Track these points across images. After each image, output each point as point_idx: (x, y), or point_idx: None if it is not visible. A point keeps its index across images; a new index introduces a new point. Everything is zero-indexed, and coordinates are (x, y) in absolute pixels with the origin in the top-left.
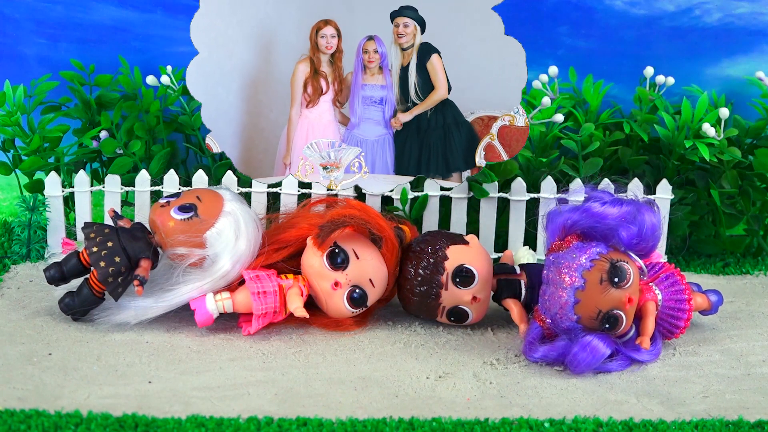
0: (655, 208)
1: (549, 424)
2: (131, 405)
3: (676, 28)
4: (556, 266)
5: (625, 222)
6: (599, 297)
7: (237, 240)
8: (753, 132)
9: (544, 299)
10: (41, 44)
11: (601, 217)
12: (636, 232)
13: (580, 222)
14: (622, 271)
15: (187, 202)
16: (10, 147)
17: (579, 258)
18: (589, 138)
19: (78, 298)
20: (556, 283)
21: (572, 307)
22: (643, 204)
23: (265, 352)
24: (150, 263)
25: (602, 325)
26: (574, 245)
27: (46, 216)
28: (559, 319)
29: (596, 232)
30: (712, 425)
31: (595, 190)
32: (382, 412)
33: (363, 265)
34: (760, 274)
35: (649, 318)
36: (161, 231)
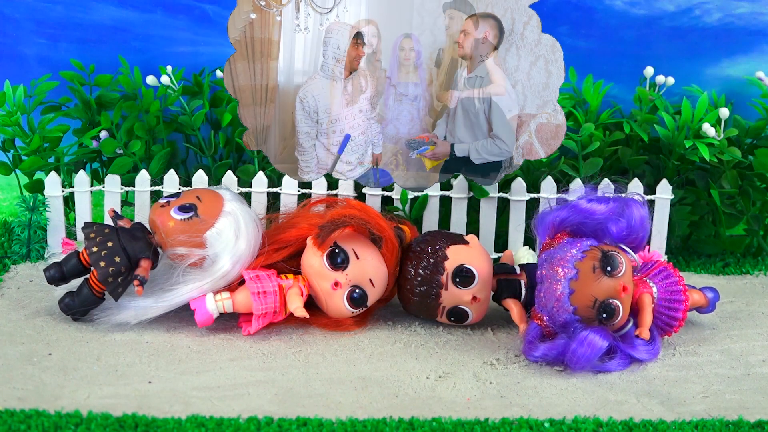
0: (642, 201)
1: (549, 424)
2: (131, 405)
3: (676, 28)
4: (549, 262)
5: (613, 216)
6: (593, 285)
7: (237, 240)
8: (753, 132)
9: (540, 297)
10: (41, 44)
11: (589, 213)
12: (625, 225)
13: (569, 218)
14: (614, 260)
15: (187, 202)
16: (10, 147)
17: (570, 250)
18: (589, 138)
19: (78, 298)
20: (551, 278)
21: (568, 297)
22: (629, 198)
23: (265, 352)
24: (150, 263)
25: (599, 314)
26: (565, 241)
27: (46, 216)
28: (556, 313)
29: (586, 228)
30: (712, 425)
31: (595, 190)
32: (382, 412)
33: (363, 265)
34: (760, 274)
35: (646, 310)
36: (161, 231)
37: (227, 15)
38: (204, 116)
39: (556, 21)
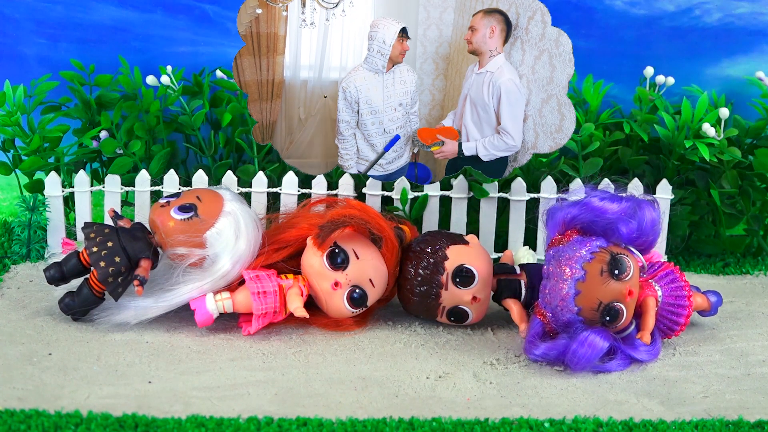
0: (655, 204)
1: (549, 424)
2: (131, 405)
3: (676, 28)
4: (556, 260)
5: (624, 217)
6: (600, 288)
7: (237, 240)
8: (753, 132)
9: (545, 293)
10: (41, 44)
11: (600, 212)
12: (636, 227)
13: (580, 216)
14: (623, 263)
15: (187, 202)
16: (10, 147)
17: (580, 250)
18: (589, 138)
19: (78, 298)
20: (557, 276)
21: (573, 298)
22: (642, 200)
23: (265, 352)
24: (150, 263)
25: (603, 317)
26: (574, 239)
27: (46, 216)
28: (560, 312)
29: (596, 227)
30: (712, 425)
31: (595, 189)
32: (382, 412)
33: (363, 265)
34: (760, 274)
35: (650, 313)
36: (161, 231)
37: (227, 15)
38: (204, 116)
39: (556, 21)
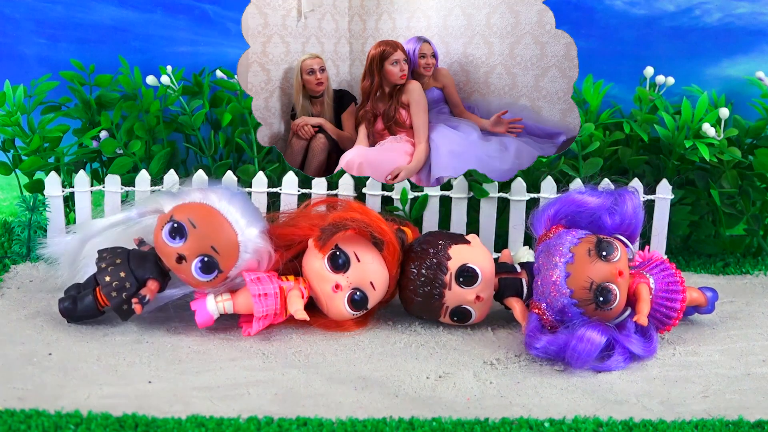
0: (635, 192)
1: (549, 424)
2: (131, 405)
3: (676, 28)
4: (545, 252)
5: (606, 207)
6: (589, 267)
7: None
8: (753, 132)
9: (538, 286)
10: (41, 44)
11: (581, 203)
12: (619, 215)
13: (562, 210)
14: (609, 245)
15: (204, 254)
16: (10, 147)
17: (566, 237)
18: (589, 138)
19: (80, 305)
20: (547, 265)
21: (564, 280)
22: (621, 189)
23: (265, 352)
24: (158, 285)
25: (596, 298)
26: (561, 231)
27: (46, 216)
28: (553, 298)
29: (581, 220)
30: (712, 425)
31: (595, 189)
32: (382, 412)
33: (364, 268)
34: (760, 274)
35: (644, 297)
36: (189, 284)
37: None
38: (204, 116)
39: (556, 21)
